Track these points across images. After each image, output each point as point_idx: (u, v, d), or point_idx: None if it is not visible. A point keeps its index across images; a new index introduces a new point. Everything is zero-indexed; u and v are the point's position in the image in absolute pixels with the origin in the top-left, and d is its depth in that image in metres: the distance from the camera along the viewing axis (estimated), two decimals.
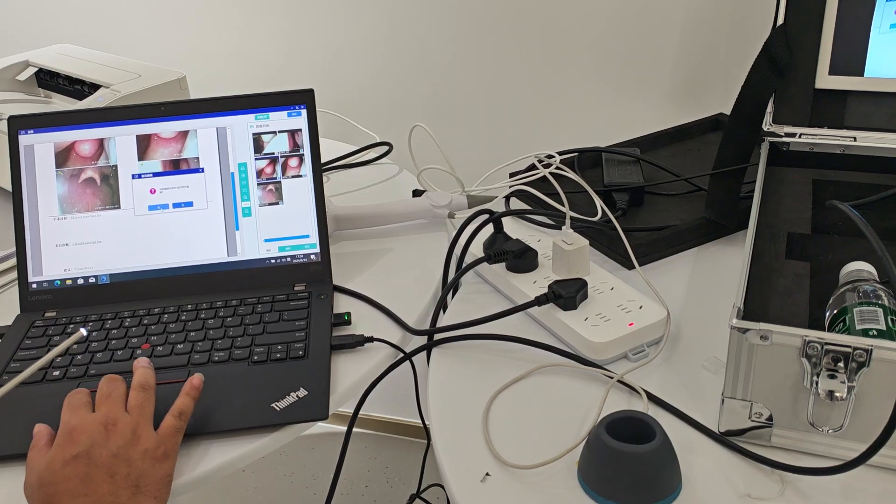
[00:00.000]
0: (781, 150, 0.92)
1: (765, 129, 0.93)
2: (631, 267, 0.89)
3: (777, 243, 0.79)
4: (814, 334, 0.60)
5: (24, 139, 0.90)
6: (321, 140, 0.93)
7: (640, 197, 1.01)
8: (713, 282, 0.88)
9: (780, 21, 0.90)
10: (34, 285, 0.89)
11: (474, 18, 1.33)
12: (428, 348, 0.82)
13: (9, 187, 0.91)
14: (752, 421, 0.65)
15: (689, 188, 1.04)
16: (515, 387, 0.75)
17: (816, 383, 0.60)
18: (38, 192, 0.90)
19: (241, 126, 0.92)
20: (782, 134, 0.92)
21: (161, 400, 0.74)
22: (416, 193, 1.09)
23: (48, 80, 1.24)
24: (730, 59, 1.24)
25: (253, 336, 0.82)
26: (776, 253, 0.78)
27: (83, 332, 0.67)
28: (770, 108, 0.92)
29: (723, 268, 0.91)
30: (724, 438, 0.66)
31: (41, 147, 0.90)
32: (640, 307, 0.80)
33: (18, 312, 0.88)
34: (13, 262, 1.00)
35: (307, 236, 0.92)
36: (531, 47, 1.32)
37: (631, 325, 0.77)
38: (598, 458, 0.61)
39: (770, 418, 0.64)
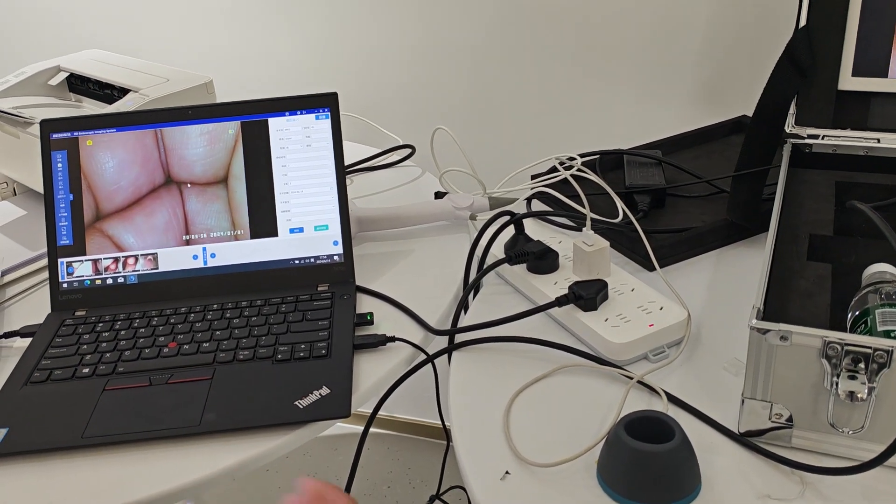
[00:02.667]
0: (804, 151, 0.92)
1: (787, 130, 0.92)
2: (652, 269, 0.90)
3: (799, 245, 0.79)
4: (834, 335, 0.60)
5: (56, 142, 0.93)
6: (344, 143, 0.94)
7: (661, 199, 1.01)
8: (735, 284, 0.88)
9: (803, 22, 0.90)
10: (65, 285, 0.91)
11: (496, 23, 1.34)
12: (449, 350, 0.82)
13: (41, 189, 0.93)
14: (772, 422, 0.65)
15: (711, 190, 1.04)
16: (536, 387, 0.76)
17: (837, 384, 0.60)
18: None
19: (267, 129, 0.94)
20: (805, 136, 0.92)
21: (184, 394, 0.76)
22: (439, 195, 1.09)
23: (79, 84, 1.27)
24: (753, 60, 1.24)
25: (277, 335, 0.83)
26: (798, 254, 0.78)
27: None
28: (792, 109, 0.92)
29: (744, 270, 0.91)
30: (744, 439, 0.66)
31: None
32: (661, 308, 0.80)
33: (49, 311, 0.91)
34: (45, 262, 1.02)
35: (331, 237, 0.93)
36: (553, 50, 1.33)
37: (651, 326, 0.78)
38: (617, 457, 0.62)
39: (790, 419, 0.64)
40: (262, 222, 0.93)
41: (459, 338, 0.83)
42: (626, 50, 1.29)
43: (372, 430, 1.95)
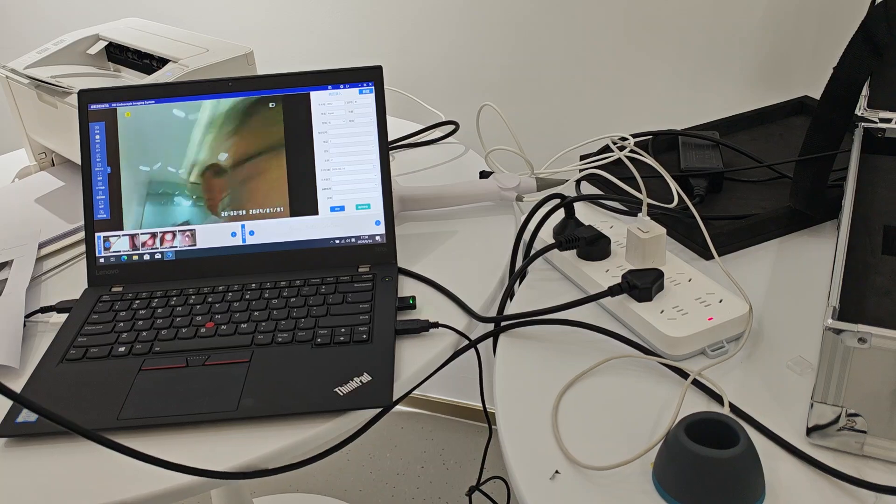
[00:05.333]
0: (876, 136, 0.87)
1: (858, 113, 0.87)
2: (709, 257, 0.85)
3: (872, 237, 0.74)
4: None
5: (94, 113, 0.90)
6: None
7: (718, 183, 0.96)
8: (798, 275, 0.84)
9: None
10: (101, 260, 0.89)
11: None
12: (495, 336, 0.79)
13: (79, 160, 0.91)
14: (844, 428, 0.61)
15: (772, 175, 0.99)
16: (586, 380, 0.72)
17: None
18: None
19: (309, 103, 0.90)
20: (877, 120, 0.87)
21: (221, 377, 0.74)
22: (484, 175, 1.06)
23: (118, 54, 1.24)
24: (817, 37, 1.17)
25: (316, 318, 0.81)
26: (871, 247, 0.73)
27: None
28: (865, 91, 0.86)
29: (808, 261, 0.86)
30: (812, 446, 0.62)
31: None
32: (721, 301, 0.75)
33: (86, 287, 0.89)
34: (82, 235, 1.00)
35: (373, 217, 0.90)
36: (604, 24, 1.27)
37: (710, 319, 0.73)
38: (676, 462, 0.58)
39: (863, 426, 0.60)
40: (303, 200, 0.90)
41: (506, 324, 0.80)
42: (679, 23, 1.23)
43: (407, 409, 1.94)
